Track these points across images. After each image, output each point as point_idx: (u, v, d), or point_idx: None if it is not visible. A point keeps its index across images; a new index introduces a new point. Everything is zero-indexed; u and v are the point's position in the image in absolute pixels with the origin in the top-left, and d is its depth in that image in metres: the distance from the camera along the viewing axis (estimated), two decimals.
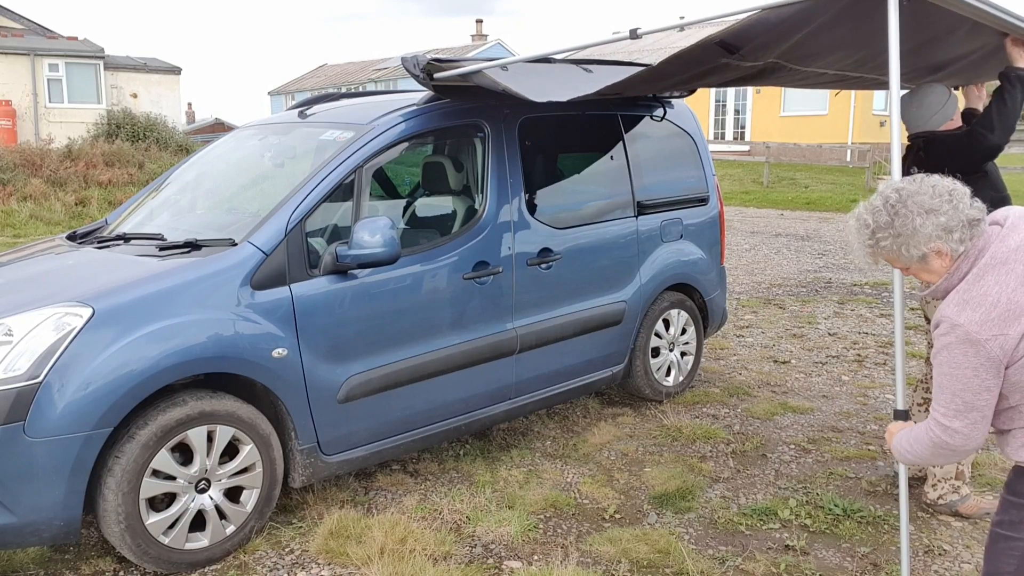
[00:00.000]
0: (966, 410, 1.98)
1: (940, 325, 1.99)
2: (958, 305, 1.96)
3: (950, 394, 1.99)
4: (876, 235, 2.05)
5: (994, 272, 1.96)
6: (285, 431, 3.39)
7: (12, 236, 12.09)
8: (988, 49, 3.32)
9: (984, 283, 1.95)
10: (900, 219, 2.01)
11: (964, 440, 2.02)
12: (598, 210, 4.62)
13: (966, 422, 1.99)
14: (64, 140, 18.01)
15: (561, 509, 3.69)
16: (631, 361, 4.80)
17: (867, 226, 2.07)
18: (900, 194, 2.04)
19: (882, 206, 2.04)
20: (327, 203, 3.53)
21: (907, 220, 2.01)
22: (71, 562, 3.26)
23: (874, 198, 2.09)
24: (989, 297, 1.93)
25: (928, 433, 2.07)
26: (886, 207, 2.04)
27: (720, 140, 27.84)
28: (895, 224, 2.02)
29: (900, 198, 2.03)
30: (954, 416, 2.00)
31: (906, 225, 2.00)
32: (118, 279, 3.17)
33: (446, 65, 3.66)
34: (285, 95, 45.41)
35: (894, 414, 2.58)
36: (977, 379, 1.95)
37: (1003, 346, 1.91)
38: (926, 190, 2.02)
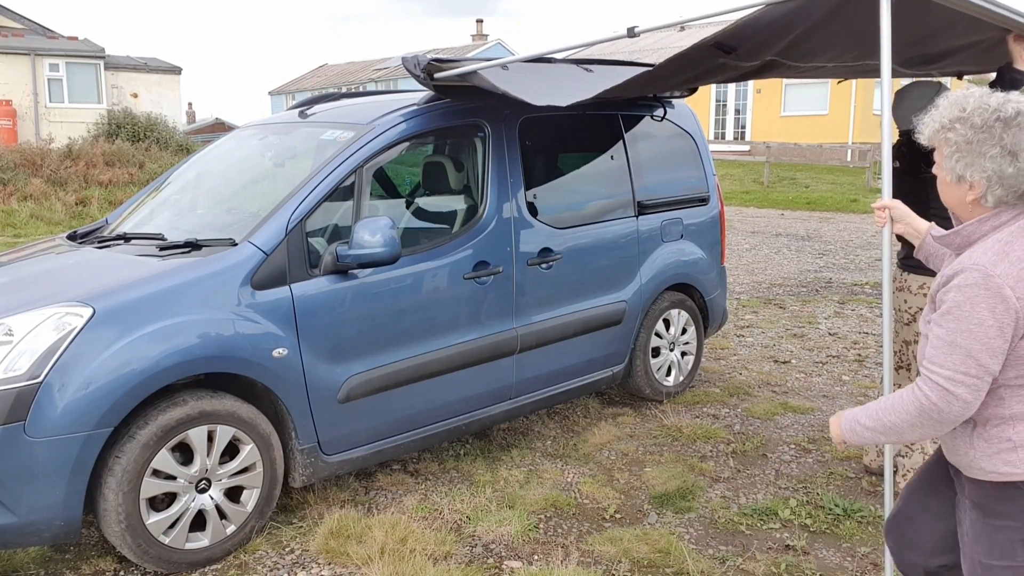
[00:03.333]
0: (979, 375, 1.78)
1: (965, 273, 1.79)
2: (996, 255, 1.77)
3: (964, 355, 1.78)
4: (956, 124, 1.85)
5: (1019, 249, 1.79)
6: (285, 431, 3.39)
7: (12, 236, 12.09)
8: (993, 40, 3.31)
9: (1005, 251, 1.79)
10: (986, 134, 1.81)
11: (963, 410, 1.82)
12: (598, 210, 4.62)
13: (974, 390, 1.80)
14: (64, 140, 18.02)
15: (561, 509, 3.69)
16: (631, 361, 4.80)
17: (962, 111, 1.85)
18: (1022, 115, 1.80)
19: (993, 110, 1.82)
20: (327, 203, 3.53)
21: (988, 142, 1.81)
22: (71, 562, 3.26)
23: (997, 98, 1.84)
24: (1012, 262, 1.76)
25: (918, 399, 1.85)
26: (994, 115, 1.82)
27: (720, 140, 27.84)
28: (979, 134, 1.82)
29: (1012, 120, 1.81)
30: (962, 381, 1.79)
31: (984, 143, 1.81)
32: (118, 279, 3.17)
33: (446, 65, 3.66)
34: (285, 95, 45.41)
35: None
36: (1000, 339, 1.76)
37: (995, 329, 1.75)
38: None
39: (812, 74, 4.18)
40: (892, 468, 2.74)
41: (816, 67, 3.86)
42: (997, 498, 1.91)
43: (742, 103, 27.75)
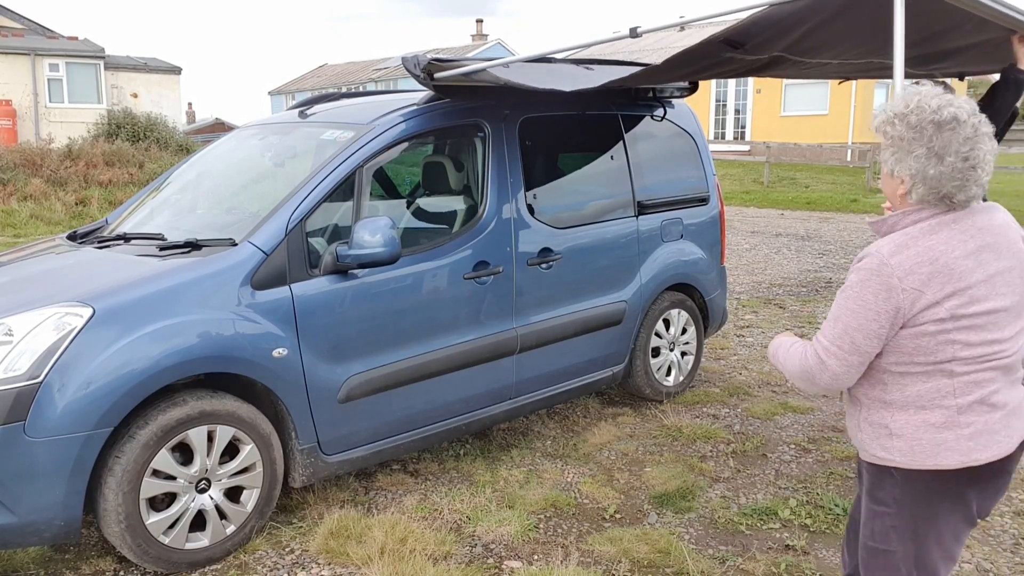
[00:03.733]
0: (850, 351, 1.92)
1: (867, 258, 1.90)
2: (897, 246, 1.88)
3: (842, 330, 1.92)
4: (895, 120, 1.90)
5: (948, 231, 1.88)
6: (285, 431, 3.39)
7: (12, 236, 12.09)
8: (997, 41, 3.32)
9: (934, 238, 1.87)
10: (917, 134, 1.86)
11: (831, 381, 1.96)
12: (598, 210, 4.61)
13: (843, 364, 1.93)
14: (64, 140, 18.01)
15: (561, 509, 3.69)
16: (631, 361, 4.79)
17: (905, 107, 1.89)
18: (958, 121, 1.84)
19: (930, 111, 1.85)
20: (327, 203, 3.53)
21: (918, 141, 1.86)
22: (71, 562, 3.26)
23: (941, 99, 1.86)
24: (930, 252, 1.85)
25: (804, 357, 2.00)
26: (930, 116, 1.85)
27: (720, 140, 27.83)
28: (911, 132, 1.87)
29: (946, 124, 1.84)
30: (835, 354, 1.93)
31: (913, 142, 1.86)
32: (118, 279, 3.17)
33: (446, 65, 3.67)
34: (285, 95, 45.41)
35: None
36: (876, 324, 1.88)
37: (913, 303, 1.85)
38: (979, 147, 1.84)
39: (816, 73, 4.18)
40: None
41: (821, 64, 3.86)
42: (878, 484, 2.01)
43: (742, 103, 27.74)
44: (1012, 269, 1.91)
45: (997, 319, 1.88)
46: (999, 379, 1.91)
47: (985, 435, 1.89)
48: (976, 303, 1.86)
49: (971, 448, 1.88)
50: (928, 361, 1.88)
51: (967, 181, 1.85)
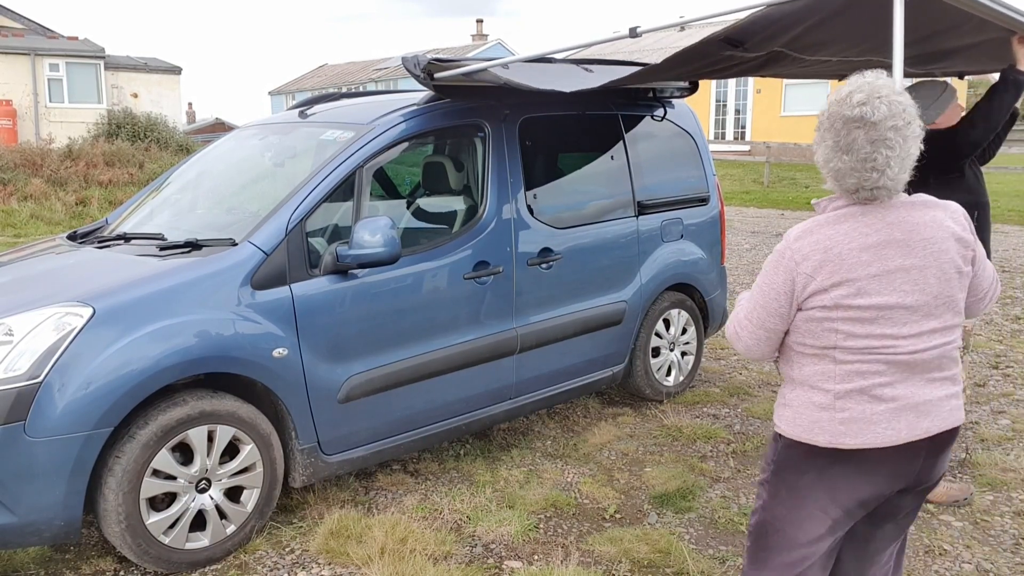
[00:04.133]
0: (757, 326, 2.03)
1: (783, 236, 2.00)
2: (803, 231, 1.96)
3: (752, 306, 2.05)
4: (825, 108, 1.97)
5: (852, 223, 1.92)
6: (285, 431, 3.39)
7: (12, 236, 12.09)
8: (997, 41, 3.32)
9: (836, 227, 1.92)
10: (829, 125, 1.91)
11: (744, 351, 2.11)
12: (598, 210, 4.61)
13: (753, 337, 2.06)
14: (64, 140, 18.01)
15: (561, 509, 3.69)
16: (631, 361, 4.79)
17: (836, 96, 1.94)
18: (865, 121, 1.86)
19: (847, 106, 1.89)
20: (327, 203, 3.53)
21: (828, 132, 1.92)
22: (71, 562, 3.26)
23: (862, 95, 1.89)
24: (827, 241, 1.91)
25: (732, 319, 2.15)
26: (843, 109, 1.89)
27: (720, 140, 27.82)
28: (827, 122, 1.93)
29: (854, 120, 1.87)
30: (746, 327, 2.07)
31: (826, 133, 1.92)
32: (118, 279, 3.17)
33: (446, 65, 3.67)
34: (285, 95, 45.41)
35: None
36: (776, 303, 1.98)
37: (804, 287, 1.92)
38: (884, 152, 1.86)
39: (816, 71, 4.17)
40: None
41: (821, 62, 3.86)
42: (770, 446, 2.16)
43: (742, 103, 27.74)
44: (924, 268, 1.91)
45: (891, 315, 1.90)
46: (890, 373, 1.93)
47: (859, 423, 1.93)
48: (863, 296, 1.89)
49: (841, 432, 1.94)
50: (816, 345, 1.96)
51: (866, 181, 1.88)
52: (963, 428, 4.59)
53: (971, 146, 3.47)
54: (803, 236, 1.94)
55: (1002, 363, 5.91)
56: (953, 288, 1.95)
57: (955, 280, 1.95)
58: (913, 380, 1.94)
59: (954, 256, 1.94)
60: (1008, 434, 4.55)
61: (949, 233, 1.95)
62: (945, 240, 1.94)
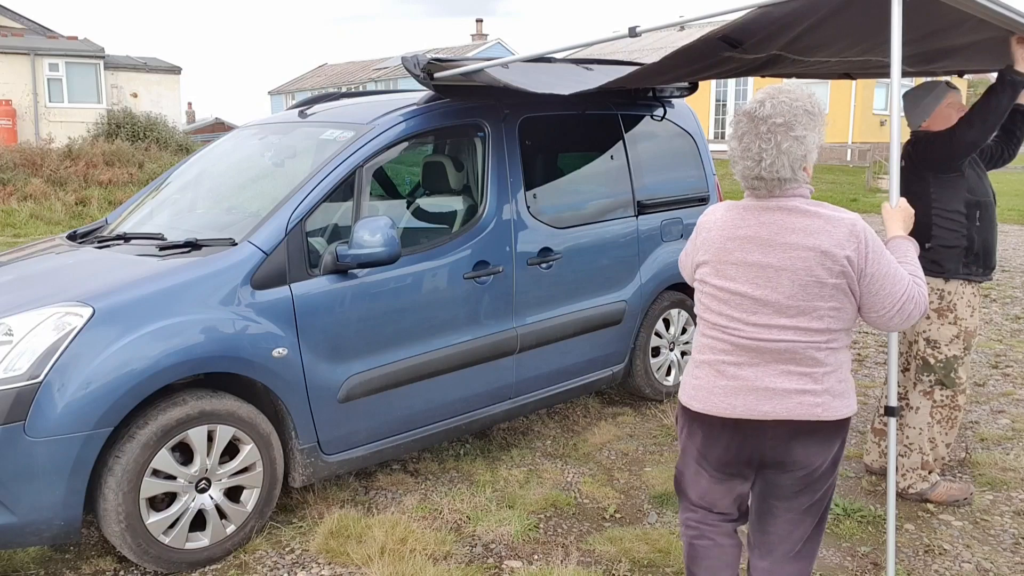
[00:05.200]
0: (689, 278, 2.44)
1: None
2: (711, 209, 2.34)
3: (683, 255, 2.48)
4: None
5: (735, 213, 2.22)
6: (285, 431, 3.39)
7: (12, 236, 12.09)
8: (996, 41, 3.31)
9: (725, 214, 2.25)
10: (736, 121, 2.19)
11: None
12: (598, 209, 4.61)
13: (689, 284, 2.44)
14: (64, 140, 18.00)
15: (561, 509, 3.69)
16: (631, 361, 4.79)
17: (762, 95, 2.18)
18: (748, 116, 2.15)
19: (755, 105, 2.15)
20: (327, 203, 3.53)
21: (735, 129, 2.18)
22: (71, 562, 3.26)
23: (771, 96, 2.14)
24: (714, 223, 2.27)
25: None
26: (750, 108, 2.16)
27: (720, 140, 27.81)
28: (736, 118, 2.20)
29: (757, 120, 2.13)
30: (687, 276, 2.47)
31: (734, 129, 2.18)
32: (118, 279, 3.17)
33: (446, 64, 3.66)
34: (285, 95, 45.40)
35: (884, 410, 2.65)
36: (686, 258, 2.43)
37: (694, 255, 2.33)
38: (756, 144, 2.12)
39: (815, 71, 4.17)
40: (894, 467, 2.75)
41: (820, 62, 3.85)
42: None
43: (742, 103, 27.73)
44: (780, 269, 2.12)
45: (740, 301, 2.17)
46: (737, 354, 2.19)
47: (704, 392, 2.24)
48: (719, 278, 2.20)
49: (691, 396, 2.28)
50: (698, 313, 2.32)
51: (739, 169, 2.17)
52: (963, 428, 4.60)
53: (967, 147, 3.46)
54: (708, 213, 2.32)
55: (1002, 363, 5.91)
56: (811, 295, 2.10)
57: (813, 288, 2.10)
58: (764, 367, 2.16)
59: (813, 266, 2.09)
60: (1008, 433, 4.55)
61: (814, 244, 2.09)
62: (806, 250, 2.10)
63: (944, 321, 3.60)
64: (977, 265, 3.59)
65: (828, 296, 2.11)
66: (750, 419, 2.17)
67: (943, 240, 3.57)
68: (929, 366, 3.66)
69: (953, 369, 3.62)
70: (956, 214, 3.55)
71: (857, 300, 2.15)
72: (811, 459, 2.20)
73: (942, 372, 3.63)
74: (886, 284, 2.13)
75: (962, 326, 3.59)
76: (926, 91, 3.66)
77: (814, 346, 2.13)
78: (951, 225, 3.55)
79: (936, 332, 3.63)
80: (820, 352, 2.14)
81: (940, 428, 3.68)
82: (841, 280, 2.10)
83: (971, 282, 3.60)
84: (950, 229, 3.56)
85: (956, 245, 3.56)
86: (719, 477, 2.32)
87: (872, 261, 2.11)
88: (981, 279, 3.62)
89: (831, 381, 2.16)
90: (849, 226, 2.11)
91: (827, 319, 2.13)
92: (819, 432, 2.18)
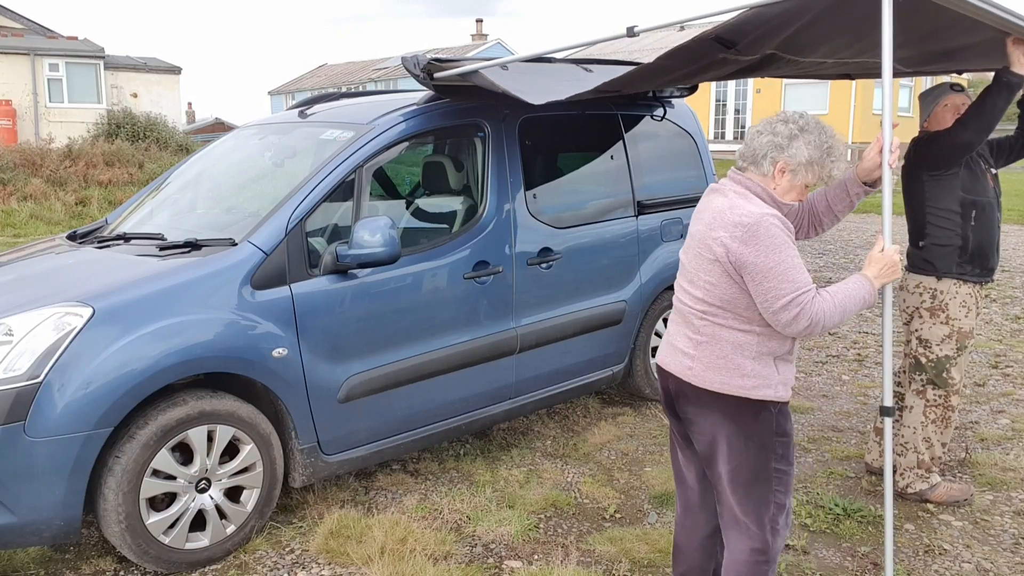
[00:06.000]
0: None
1: None
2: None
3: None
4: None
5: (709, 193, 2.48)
6: (285, 431, 3.39)
7: (12, 236, 12.08)
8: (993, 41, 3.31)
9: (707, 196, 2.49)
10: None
11: None
12: (598, 210, 4.61)
13: None
14: (64, 140, 17.99)
15: (561, 509, 3.69)
16: (631, 360, 4.79)
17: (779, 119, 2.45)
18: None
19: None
20: (327, 203, 3.53)
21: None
22: (71, 562, 3.26)
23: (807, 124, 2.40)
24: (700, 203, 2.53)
25: None
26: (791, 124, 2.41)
27: (720, 140, 27.83)
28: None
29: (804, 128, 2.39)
30: None
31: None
32: (118, 279, 3.17)
33: (446, 65, 3.66)
34: (285, 95, 45.39)
35: (880, 410, 2.67)
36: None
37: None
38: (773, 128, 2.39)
39: (812, 72, 4.16)
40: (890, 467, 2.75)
41: (816, 63, 3.85)
42: None
43: (742, 103, 27.74)
44: (692, 237, 2.42)
45: (682, 268, 2.47)
46: (673, 313, 2.52)
47: (661, 345, 2.57)
48: (684, 249, 2.49)
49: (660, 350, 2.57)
50: None
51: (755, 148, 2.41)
52: (963, 428, 4.60)
53: (962, 147, 3.45)
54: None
55: (1002, 363, 5.91)
56: (698, 267, 2.36)
57: (700, 261, 2.35)
58: (675, 324, 2.49)
59: (701, 240, 2.35)
60: (1008, 434, 4.55)
61: (708, 221, 2.35)
62: (703, 224, 2.37)
63: (936, 321, 3.60)
64: (972, 265, 3.57)
65: (706, 270, 2.33)
66: (661, 367, 2.52)
67: (936, 239, 3.57)
68: (921, 365, 3.66)
69: (945, 369, 3.61)
70: (950, 213, 3.54)
71: (743, 287, 2.28)
72: (699, 423, 2.42)
73: (933, 372, 3.63)
74: (770, 279, 2.23)
75: (955, 326, 3.59)
76: (937, 89, 3.66)
77: (695, 313, 2.38)
78: (944, 224, 3.55)
79: (928, 331, 3.62)
80: (699, 320, 2.37)
81: (934, 428, 3.67)
82: (715, 258, 2.29)
83: (967, 282, 3.59)
84: (943, 228, 3.55)
85: (949, 244, 3.55)
86: (675, 433, 2.60)
87: (756, 252, 2.23)
88: (978, 280, 3.60)
89: (706, 352, 2.36)
90: (741, 215, 2.26)
91: (702, 290, 2.34)
92: (695, 396, 2.39)
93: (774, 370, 2.35)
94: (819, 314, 2.26)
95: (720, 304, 2.32)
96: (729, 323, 2.32)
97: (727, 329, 2.33)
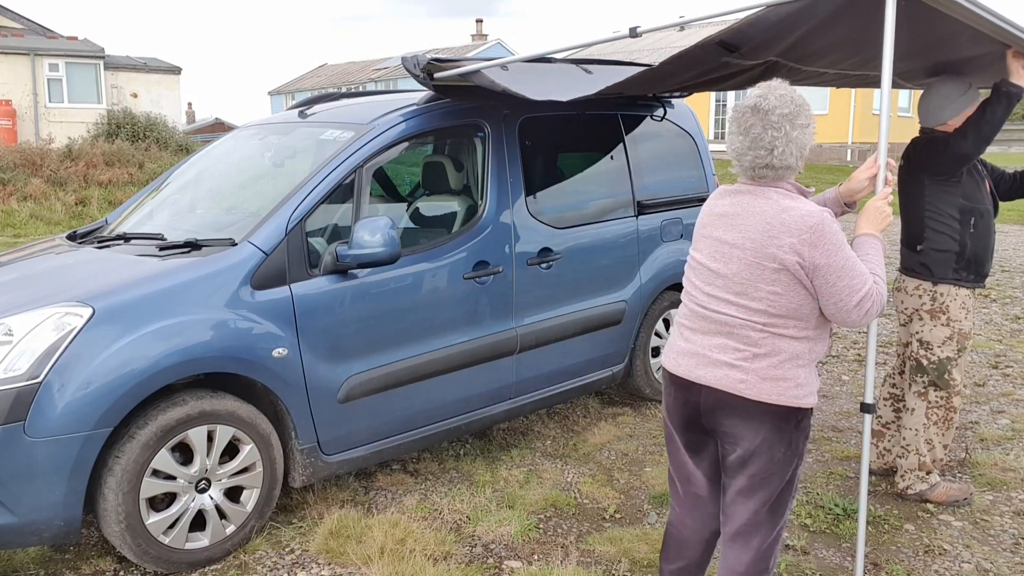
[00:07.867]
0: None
1: None
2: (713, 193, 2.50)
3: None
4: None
5: (722, 196, 2.39)
6: (285, 431, 3.39)
7: (12, 236, 12.08)
8: (993, 56, 3.30)
9: (716, 199, 2.41)
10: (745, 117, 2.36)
11: None
12: (598, 210, 4.61)
13: None
14: (64, 140, 17.98)
15: (561, 509, 3.69)
16: (631, 361, 4.79)
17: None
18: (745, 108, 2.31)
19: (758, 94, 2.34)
20: (327, 203, 3.53)
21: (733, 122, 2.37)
22: (71, 562, 3.26)
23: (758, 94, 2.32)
24: (707, 204, 2.46)
25: None
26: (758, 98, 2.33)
27: (720, 140, 27.79)
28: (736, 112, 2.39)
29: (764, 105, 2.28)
30: None
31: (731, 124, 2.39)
32: (118, 279, 3.17)
33: (446, 65, 3.66)
34: (285, 95, 45.39)
35: (861, 407, 2.72)
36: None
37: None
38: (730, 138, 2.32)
39: (813, 81, 4.17)
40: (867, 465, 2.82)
41: (818, 72, 3.85)
42: None
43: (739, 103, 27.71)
44: (734, 246, 2.25)
45: (704, 274, 2.33)
46: (695, 322, 2.35)
47: (671, 351, 2.43)
48: (697, 251, 2.39)
49: (666, 355, 2.46)
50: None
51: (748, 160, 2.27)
52: (963, 428, 4.60)
53: (961, 158, 3.43)
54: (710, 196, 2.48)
55: (1002, 363, 5.91)
56: (754, 276, 2.20)
57: (756, 270, 2.20)
58: (707, 336, 2.31)
59: (759, 248, 2.19)
60: (1008, 434, 4.55)
61: (764, 229, 2.19)
62: (757, 232, 2.21)
63: (937, 323, 3.60)
64: (968, 271, 3.58)
65: (769, 280, 2.19)
66: (688, 379, 2.34)
67: (934, 243, 3.57)
68: (922, 367, 3.66)
69: (946, 370, 3.61)
70: (949, 219, 3.54)
71: (812, 292, 2.19)
72: (739, 434, 2.29)
73: (935, 373, 3.63)
74: (843, 277, 2.16)
75: (955, 328, 3.59)
76: (953, 86, 3.57)
77: (751, 325, 2.23)
78: (943, 229, 3.55)
79: (929, 333, 3.62)
80: (756, 333, 2.23)
81: (936, 429, 3.68)
82: (782, 267, 2.16)
83: (963, 286, 3.59)
84: (942, 233, 3.55)
85: (947, 250, 3.55)
86: (683, 441, 2.45)
87: (826, 253, 2.15)
88: (972, 285, 3.61)
89: (762, 364, 2.22)
90: (802, 216, 2.16)
91: (765, 302, 2.20)
92: (742, 408, 2.25)
93: (815, 377, 2.31)
94: (881, 296, 2.23)
95: (785, 314, 2.21)
96: (790, 332, 2.23)
97: (787, 339, 2.23)
